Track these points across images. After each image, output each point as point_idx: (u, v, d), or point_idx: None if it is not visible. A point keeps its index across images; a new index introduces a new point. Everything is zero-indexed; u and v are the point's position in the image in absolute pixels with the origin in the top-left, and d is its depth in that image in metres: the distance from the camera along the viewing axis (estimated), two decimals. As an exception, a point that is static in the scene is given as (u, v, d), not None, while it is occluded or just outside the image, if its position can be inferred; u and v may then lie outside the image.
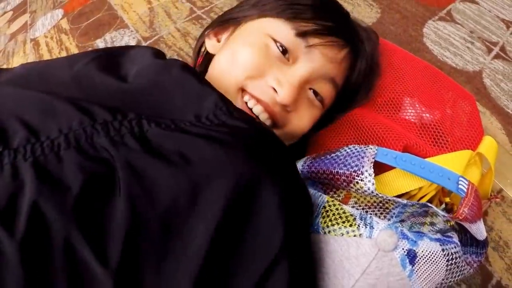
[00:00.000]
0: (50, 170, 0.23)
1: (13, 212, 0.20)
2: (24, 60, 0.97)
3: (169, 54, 0.85)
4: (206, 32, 0.52)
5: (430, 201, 0.41)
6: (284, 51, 0.42)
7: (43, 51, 0.97)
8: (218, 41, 0.49)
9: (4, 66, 1.00)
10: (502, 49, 0.82)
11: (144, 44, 0.89)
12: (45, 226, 0.21)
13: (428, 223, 0.39)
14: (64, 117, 0.26)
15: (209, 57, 0.50)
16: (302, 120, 0.43)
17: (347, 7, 0.90)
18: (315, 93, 0.44)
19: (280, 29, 0.42)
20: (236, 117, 0.32)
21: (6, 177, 0.22)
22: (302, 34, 0.41)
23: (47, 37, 1.02)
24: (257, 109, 0.41)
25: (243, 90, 0.41)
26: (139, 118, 0.28)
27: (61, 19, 1.06)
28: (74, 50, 0.93)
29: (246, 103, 0.41)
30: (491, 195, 0.61)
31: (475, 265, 0.39)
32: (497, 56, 0.80)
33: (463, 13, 0.89)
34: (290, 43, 0.42)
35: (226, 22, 0.49)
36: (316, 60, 0.42)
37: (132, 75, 0.35)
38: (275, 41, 0.42)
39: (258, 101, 0.41)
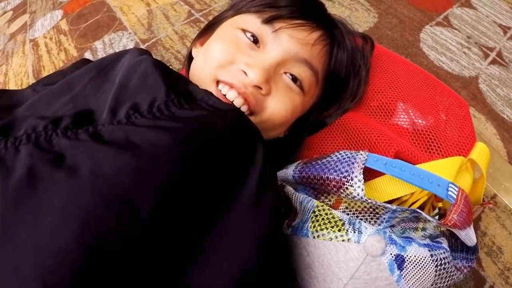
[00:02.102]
0: (5, 159, 0.25)
1: None
2: (23, 61, 0.98)
3: (167, 56, 0.86)
4: (194, 43, 0.54)
5: (422, 206, 0.42)
6: (255, 41, 0.43)
7: (42, 51, 0.97)
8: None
9: (4, 67, 1.00)
10: (499, 54, 0.82)
11: (142, 46, 0.90)
12: None
13: (421, 229, 0.39)
14: (32, 123, 0.29)
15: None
16: (278, 104, 0.43)
17: (345, 12, 0.90)
18: (294, 80, 0.44)
19: (248, 20, 0.44)
20: (185, 108, 0.32)
21: None
22: (267, 21, 0.43)
23: (46, 38, 1.02)
24: (231, 95, 0.41)
25: (218, 82, 0.42)
26: (96, 123, 0.30)
27: (60, 20, 1.06)
28: (73, 52, 0.94)
29: (220, 91, 0.42)
30: (484, 201, 0.62)
31: (465, 270, 0.39)
32: (493, 62, 0.80)
33: (461, 18, 0.89)
34: (258, 30, 0.43)
35: (208, 28, 0.51)
36: (285, 43, 0.43)
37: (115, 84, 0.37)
38: (244, 31, 0.44)
39: (231, 86, 0.41)
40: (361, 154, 0.36)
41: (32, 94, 0.39)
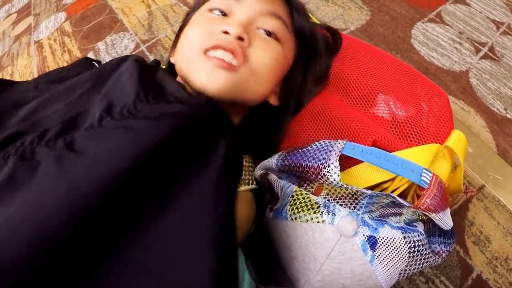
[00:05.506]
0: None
1: None
2: (28, 62, 1.01)
3: (166, 56, 0.88)
4: (170, 52, 0.58)
5: (405, 194, 0.43)
6: (224, 14, 0.49)
7: (47, 53, 1.01)
8: None
9: (9, 68, 1.04)
10: (491, 49, 0.83)
11: (142, 46, 0.93)
12: None
13: (405, 214, 0.41)
14: (24, 137, 0.34)
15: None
16: (260, 52, 0.47)
17: (338, 10, 0.92)
18: (268, 34, 0.49)
19: (212, 1, 0.50)
20: (151, 103, 0.37)
21: None
22: None
23: (50, 39, 1.05)
24: (220, 53, 0.45)
25: (206, 51, 0.46)
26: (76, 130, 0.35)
27: (64, 21, 1.10)
28: (77, 52, 0.97)
29: (211, 56, 0.45)
30: (467, 188, 0.63)
31: (443, 254, 0.41)
32: (485, 56, 0.81)
33: (453, 14, 0.90)
34: (223, 5, 0.49)
35: (178, 35, 0.56)
36: (248, 4, 0.49)
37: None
38: (211, 10, 0.49)
39: (218, 47, 0.45)
40: (339, 143, 0.38)
41: (35, 93, 0.43)
